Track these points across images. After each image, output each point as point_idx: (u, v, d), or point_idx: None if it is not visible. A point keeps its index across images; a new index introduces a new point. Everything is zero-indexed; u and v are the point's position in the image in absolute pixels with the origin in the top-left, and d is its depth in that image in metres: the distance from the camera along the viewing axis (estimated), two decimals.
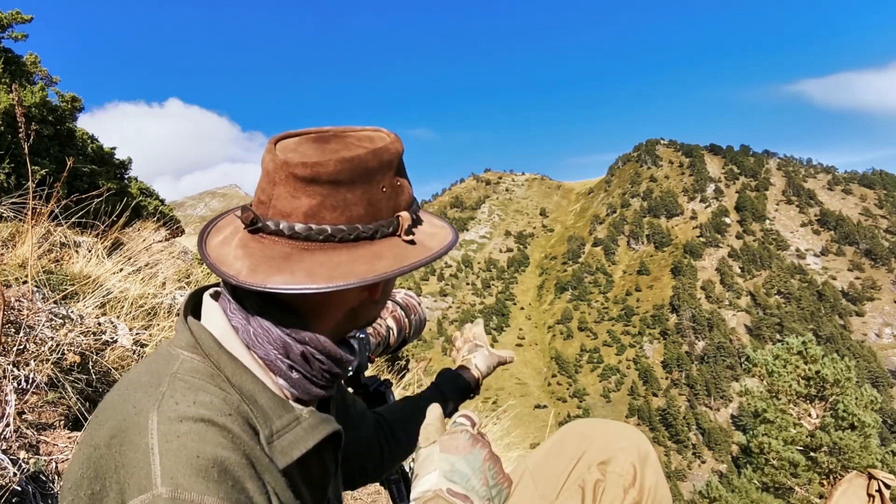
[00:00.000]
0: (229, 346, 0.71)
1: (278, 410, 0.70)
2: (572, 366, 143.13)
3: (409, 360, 5.71)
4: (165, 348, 0.71)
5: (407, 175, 0.79)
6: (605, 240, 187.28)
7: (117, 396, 0.65)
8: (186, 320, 0.73)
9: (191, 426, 0.59)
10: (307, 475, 0.74)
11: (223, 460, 0.58)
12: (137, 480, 0.55)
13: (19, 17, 4.63)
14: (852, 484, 2.55)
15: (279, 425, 0.69)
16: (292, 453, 0.69)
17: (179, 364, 0.67)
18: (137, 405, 0.61)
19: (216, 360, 0.69)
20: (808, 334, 11.45)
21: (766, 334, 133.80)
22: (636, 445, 1.05)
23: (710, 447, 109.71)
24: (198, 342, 0.70)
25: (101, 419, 0.63)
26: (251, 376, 0.70)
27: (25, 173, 3.28)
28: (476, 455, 0.75)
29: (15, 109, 2.95)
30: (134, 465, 0.56)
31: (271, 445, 0.67)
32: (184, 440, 0.58)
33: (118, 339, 2.01)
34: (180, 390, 0.63)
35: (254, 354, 0.72)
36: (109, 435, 0.59)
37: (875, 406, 10.37)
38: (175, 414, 0.60)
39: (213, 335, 0.71)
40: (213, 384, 0.66)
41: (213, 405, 0.63)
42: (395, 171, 0.75)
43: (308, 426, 0.72)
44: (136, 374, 0.68)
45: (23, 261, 2.21)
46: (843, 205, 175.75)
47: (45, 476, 1.38)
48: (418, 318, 1.47)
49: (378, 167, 0.72)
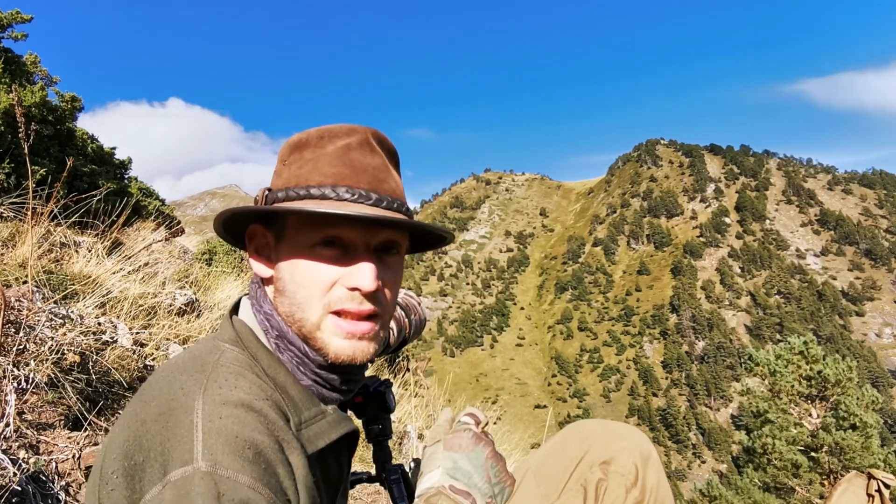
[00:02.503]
0: (263, 340, 0.78)
1: (307, 402, 0.76)
2: (572, 366, 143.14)
3: (409, 360, 5.71)
4: (209, 341, 0.77)
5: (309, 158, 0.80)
6: (605, 240, 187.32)
7: (162, 378, 0.69)
8: (231, 317, 0.80)
9: (232, 410, 0.64)
10: (325, 473, 0.78)
11: (259, 444, 0.62)
12: (181, 454, 0.59)
13: (19, 17, 4.62)
14: (852, 484, 2.55)
15: (307, 416, 0.75)
16: (318, 442, 0.73)
17: (221, 354, 0.73)
18: (185, 387, 0.66)
19: (254, 353, 0.76)
20: (809, 334, 11.44)
21: (766, 334, 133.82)
22: (638, 445, 1.05)
23: (710, 447, 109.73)
24: (238, 336, 0.77)
25: (145, 397, 0.67)
26: (284, 369, 0.77)
27: (25, 173, 3.27)
28: (479, 453, 0.77)
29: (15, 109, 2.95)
30: (178, 440, 0.60)
31: (300, 432, 0.72)
32: (225, 422, 0.62)
33: (118, 339, 2.00)
34: (223, 375, 0.69)
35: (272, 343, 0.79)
36: (157, 412, 0.63)
37: (876, 406, 10.37)
38: (219, 397, 0.65)
39: (251, 330, 0.78)
40: (250, 372, 0.72)
41: (251, 391, 0.68)
42: (286, 152, 0.81)
43: (332, 420, 0.77)
44: (180, 360, 0.73)
45: (23, 261, 2.21)
46: (843, 205, 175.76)
47: (45, 476, 1.37)
48: (418, 318, 1.46)
49: (282, 151, 0.81)
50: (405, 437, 3.28)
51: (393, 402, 1.43)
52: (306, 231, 0.75)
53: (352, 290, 0.74)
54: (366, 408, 1.40)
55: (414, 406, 3.87)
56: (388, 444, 1.19)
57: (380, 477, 1.12)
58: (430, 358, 5.95)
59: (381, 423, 1.41)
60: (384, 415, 1.42)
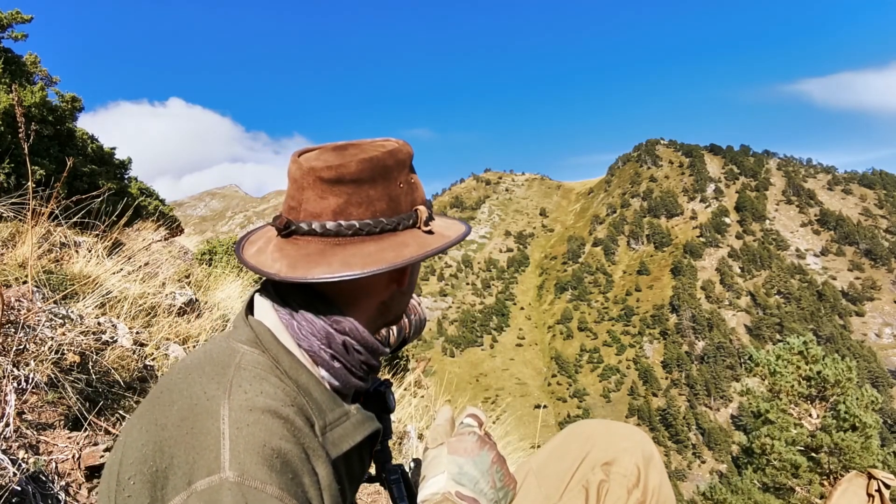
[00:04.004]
0: (284, 341, 0.76)
1: (330, 404, 0.75)
2: (572, 366, 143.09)
3: (409, 360, 5.70)
4: (224, 341, 0.75)
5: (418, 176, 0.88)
6: (605, 240, 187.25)
7: (181, 380, 0.68)
8: (247, 317, 0.78)
9: (259, 416, 0.62)
10: (349, 469, 0.78)
11: (286, 452, 0.61)
12: (207, 462, 0.57)
13: (19, 17, 4.61)
14: (852, 484, 2.55)
15: (331, 418, 0.74)
16: (342, 446, 0.73)
17: (241, 356, 0.71)
18: (208, 390, 0.64)
19: (274, 355, 0.74)
20: (809, 334, 11.43)
21: (766, 334, 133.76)
22: (640, 446, 1.05)
23: (710, 447, 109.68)
24: (258, 337, 0.74)
25: (164, 401, 0.65)
26: (306, 371, 0.75)
27: (25, 173, 3.27)
28: (484, 457, 0.77)
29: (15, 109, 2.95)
30: (204, 447, 0.59)
31: (325, 437, 0.71)
32: (253, 429, 0.61)
33: (118, 339, 2.00)
34: (247, 379, 0.67)
35: (302, 350, 0.76)
36: (180, 417, 0.62)
37: (876, 406, 10.36)
38: (245, 403, 0.63)
39: (270, 331, 0.76)
40: (273, 375, 0.70)
41: (276, 396, 0.67)
42: (409, 169, 0.82)
43: (356, 421, 0.77)
44: (196, 362, 0.71)
45: (23, 261, 2.21)
46: (843, 205, 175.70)
47: (45, 476, 1.37)
48: (418, 318, 1.46)
49: (394, 165, 0.79)
50: (405, 437, 3.28)
51: (393, 402, 1.43)
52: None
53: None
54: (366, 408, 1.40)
55: (414, 406, 3.86)
56: (389, 444, 1.19)
57: (380, 477, 1.12)
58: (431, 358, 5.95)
59: (382, 424, 1.41)
60: (384, 415, 1.42)
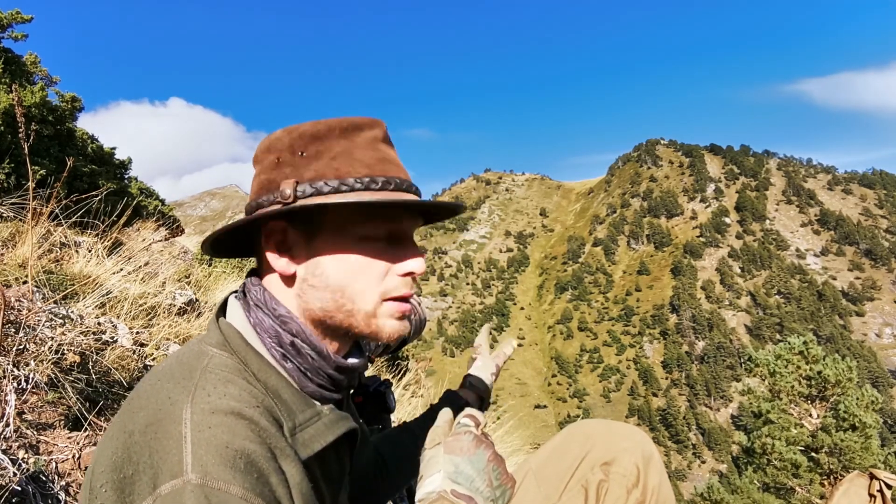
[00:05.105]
0: (252, 342, 0.75)
1: (300, 405, 0.74)
2: (572, 366, 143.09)
3: (409, 360, 5.70)
4: (196, 345, 0.74)
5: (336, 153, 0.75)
6: (605, 240, 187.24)
7: (150, 387, 0.67)
8: (217, 320, 0.77)
9: (222, 418, 0.62)
10: (325, 470, 0.77)
11: (250, 453, 0.61)
12: (170, 466, 0.57)
13: (19, 17, 4.62)
14: (853, 484, 2.54)
15: (301, 419, 0.72)
16: (313, 446, 0.72)
17: (209, 359, 0.70)
18: (172, 396, 0.64)
19: (243, 357, 0.73)
20: (809, 334, 11.43)
21: (766, 334, 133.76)
22: (640, 446, 1.05)
23: (710, 447, 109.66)
24: (226, 340, 0.73)
25: (134, 407, 0.65)
26: (275, 372, 0.74)
27: (25, 173, 3.27)
28: (480, 456, 0.76)
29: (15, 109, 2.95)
30: (167, 451, 0.58)
31: (294, 437, 0.70)
32: (215, 431, 0.60)
33: (118, 339, 2.00)
34: (212, 382, 0.66)
35: (273, 351, 0.75)
36: (145, 423, 0.62)
37: (876, 406, 10.36)
38: (207, 405, 0.63)
39: (240, 333, 0.75)
40: (240, 378, 0.69)
41: (241, 398, 0.66)
42: (301, 144, 0.74)
43: (328, 422, 0.76)
44: (167, 367, 0.71)
45: (23, 261, 2.21)
46: (843, 205, 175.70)
47: (45, 476, 1.37)
48: (418, 318, 1.46)
49: (286, 143, 0.75)
50: None
51: (393, 402, 1.43)
52: (359, 223, 0.74)
53: (405, 275, 0.77)
54: (366, 408, 1.40)
55: (414, 406, 3.86)
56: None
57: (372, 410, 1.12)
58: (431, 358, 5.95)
59: (382, 423, 1.41)
60: (384, 415, 1.42)
